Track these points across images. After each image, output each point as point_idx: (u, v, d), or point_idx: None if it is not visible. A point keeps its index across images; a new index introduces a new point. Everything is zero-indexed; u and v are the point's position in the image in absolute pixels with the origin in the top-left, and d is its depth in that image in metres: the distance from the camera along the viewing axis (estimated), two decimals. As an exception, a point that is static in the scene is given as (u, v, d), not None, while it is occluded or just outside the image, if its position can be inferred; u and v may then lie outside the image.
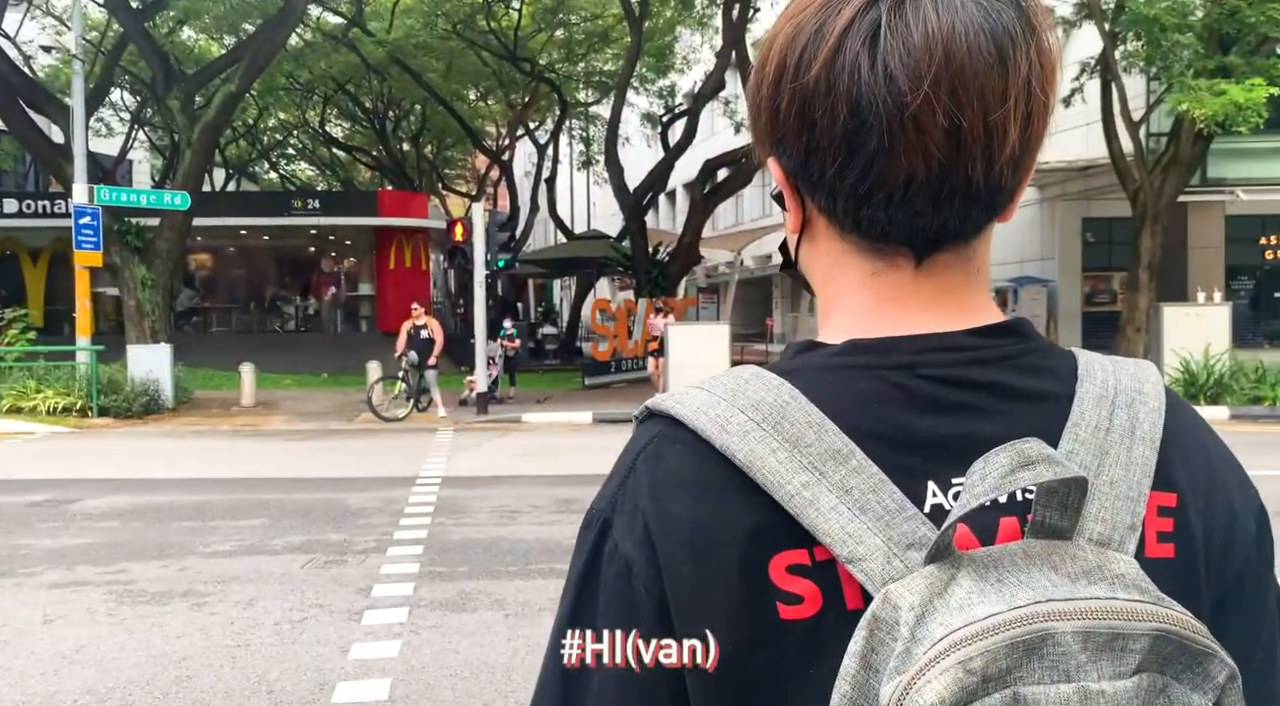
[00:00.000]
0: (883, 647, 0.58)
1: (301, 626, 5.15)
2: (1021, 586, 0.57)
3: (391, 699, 4.17)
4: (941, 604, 0.57)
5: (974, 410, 0.66)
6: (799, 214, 0.73)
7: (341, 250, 28.31)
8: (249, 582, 5.99)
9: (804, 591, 0.63)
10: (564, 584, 0.72)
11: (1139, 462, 0.65)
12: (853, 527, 0.61)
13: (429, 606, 5.46)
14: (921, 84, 0.63)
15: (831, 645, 0.61)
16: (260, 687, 4.31)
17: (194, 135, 17.23)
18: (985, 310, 0.71)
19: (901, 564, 0.60)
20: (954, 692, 0.53)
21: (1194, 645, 0.57)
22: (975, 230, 0.69)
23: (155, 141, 31.02)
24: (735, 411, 0.66)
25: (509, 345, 17.85)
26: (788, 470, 0.63)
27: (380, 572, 6.16)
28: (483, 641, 4.88)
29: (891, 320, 0.69)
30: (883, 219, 0.67)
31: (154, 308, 17.08)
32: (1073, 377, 0.69)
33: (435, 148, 35.61)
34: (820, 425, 0.64)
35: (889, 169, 0.65)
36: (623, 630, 0.66)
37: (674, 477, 0.66)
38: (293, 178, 40.54)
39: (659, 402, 0.70)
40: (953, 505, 0.64)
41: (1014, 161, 0.66)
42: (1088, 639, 0.55)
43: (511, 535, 7.19)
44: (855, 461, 0.63)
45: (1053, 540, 0.61)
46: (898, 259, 0.69)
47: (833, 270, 0.73)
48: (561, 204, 33.02)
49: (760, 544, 0.63)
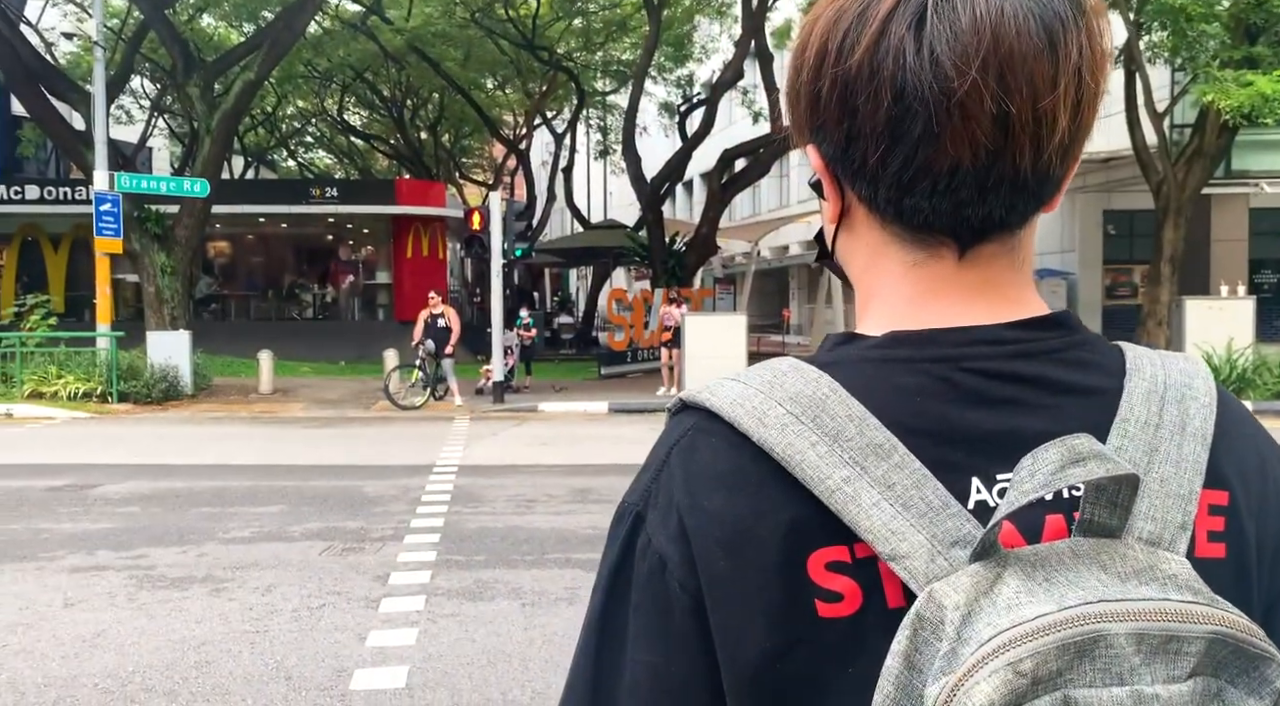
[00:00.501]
0: (927, 647, 0.56)
1: (319, 613, 5.17)
2: (1071, 586, 0.56)
3: (409, 686, 4.18)
4: (988, 603, 0.55)
5: (1019, 405, 0.64)
6: (838, 203, 0.71)
7: (359, 238, 28.38)
8: (267, 569, 6.02)
9: (843, 589, 0.61)
10: (595, 578, 0.70)
11: (1190, 460, 0.63)
12: (895, 524, 0.60)
13: (446, 594, 5.48)
14: (969, 69, 0.61)
15: (871, 644, 0.60)
16: (279, 674, 4.34)
17: (213, 123, 17.29)
18: (1030, 302, 0.69)
19: (946, 562, 0.58)
20: (1003, 695, 0.52)
21: (1250, 648, 0.55)
22: (1021, 220, 0.67)
23: (175, 129, 31.15)
24: (773, 404, 0.64)
25: (525, 334, 17.86)
26: (828, 465, 0.61)
27: (397, 560, 6.19)
28: (499, 630, 4.89)
29: (934, 312, 0.67)
30: (926, 208, 0.65)
31: (173, 294, 17.17)
32: (1120, 372, 0.67)
33: (453, 136, 35.62)
34: (861, 419, 0.62)
35: (934, 157, 0.63)
36: (657, 626, 0.65)
37: (709, 471, 0.65)
38: (311, 166, 40.67)
39: (693, 395, 0.69)
40: (998, 502, 0.62)
41: (1063, 150, 0.64)
42: (1141, 641, 0.54)
43: (528, 524, 7.20)
44: (897, 456, 0.61)
45: (1101, 539, 0.59)
46: (941, 249, 0.67)
47: (873, 261, 0.71)
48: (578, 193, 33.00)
49: (799, 540, 0.62)
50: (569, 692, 0.69)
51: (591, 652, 0.68)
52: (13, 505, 7.96)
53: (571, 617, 5.00)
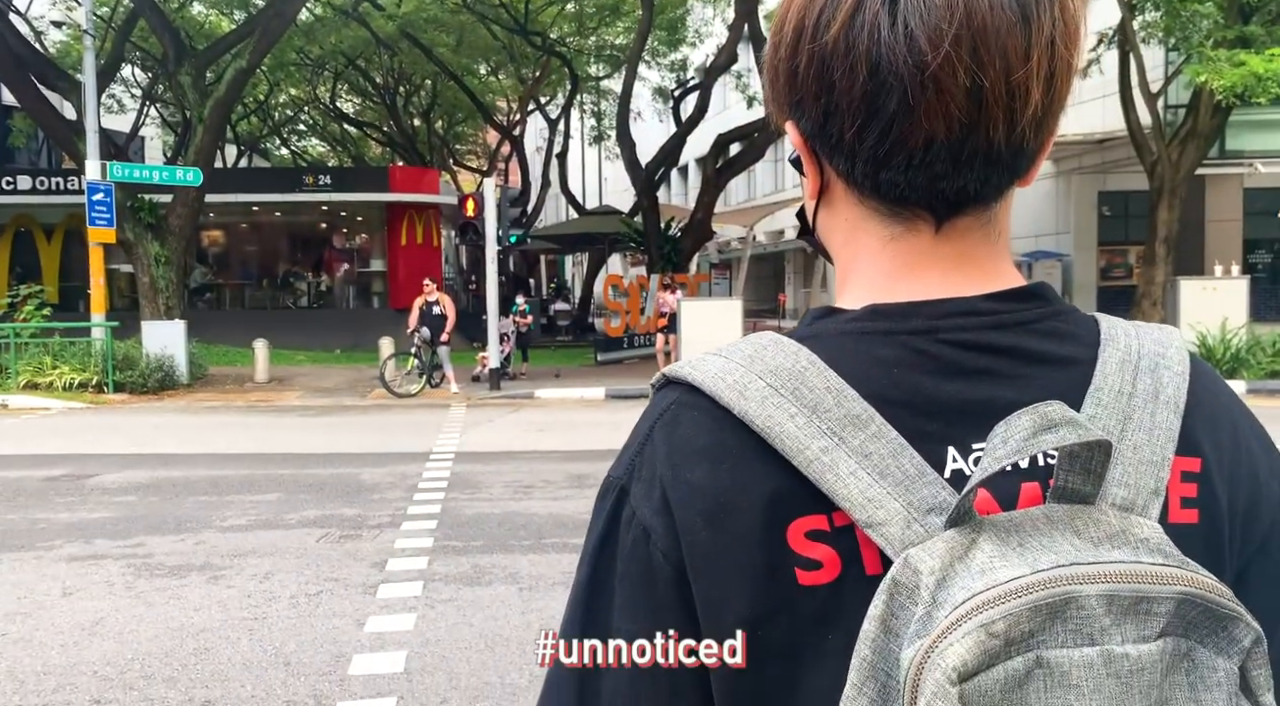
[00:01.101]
0: (903, 612, 0.57)
1: (317, 599, 5.19)
2: (1044, 550, 0.57)
3: (407, 671, 4.21)
4: (962, 568, 0.57)
5: (995, 375, 0.65)
6: (817, 179, 0.72)
7: (353, 226, 28.30)
8: (265, 556, 6.04)
9: (823, 557, 0.62)
10: (581, 551, 0.72)
11: (1162, 427, 0.64)
12: (872, 492, 0.61)
13: (443, 580, 5.50)
14: (942, 43, 0.61)
15: (850, 610, 0.61)
16: (278, 659, 4.36)
17: (205, 111, 17.22)
18: (1006, 275, 0.70)
19: (921, 528, 0.60)
20: (976, 656, 0.53)
21: (1219, 608, 0.56)
22: (996, 193, 0.67)
23: (167, 118, 31.02)
24: (753, 377, 0.65)
25: (521, 321, 17.85)
26: (806, 435, 0.62)
27: (395, 547, 6.21)
28: (497, 614, 4.91)
29: (911, 285, 0.68)
30: (902, 182, 0.66)
31: (168, 284, 17.14)
32: (1095, 342, 0.68)
33: (446, 123, 35.49)
34: (839, 391, 0.63)
35: (909, 130, 0.64)
36: (641, 595, 0.66)
37: (691, 444, 0.66)
38: (304, 154, 40.51)
39: (676, 370, 0.69)
40: (974, 470, 0.63)
41: (1036, 122, 0.65)
42: (1112, 602, 0.55)
43: (525, 510, 7.22)
44: (874, 427, 0.62)
45: (1075, 505, 0.60)
46: (917, 223, 0.68)
47: (851, 235, 0.72)
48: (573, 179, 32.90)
49: (778, 510, 0.63)
50: (557, 663, 0.70)
51: (579, 621, 0.69)
52: (10, 495, 7.97)
53: (569, 601, 5.03)
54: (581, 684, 0.68)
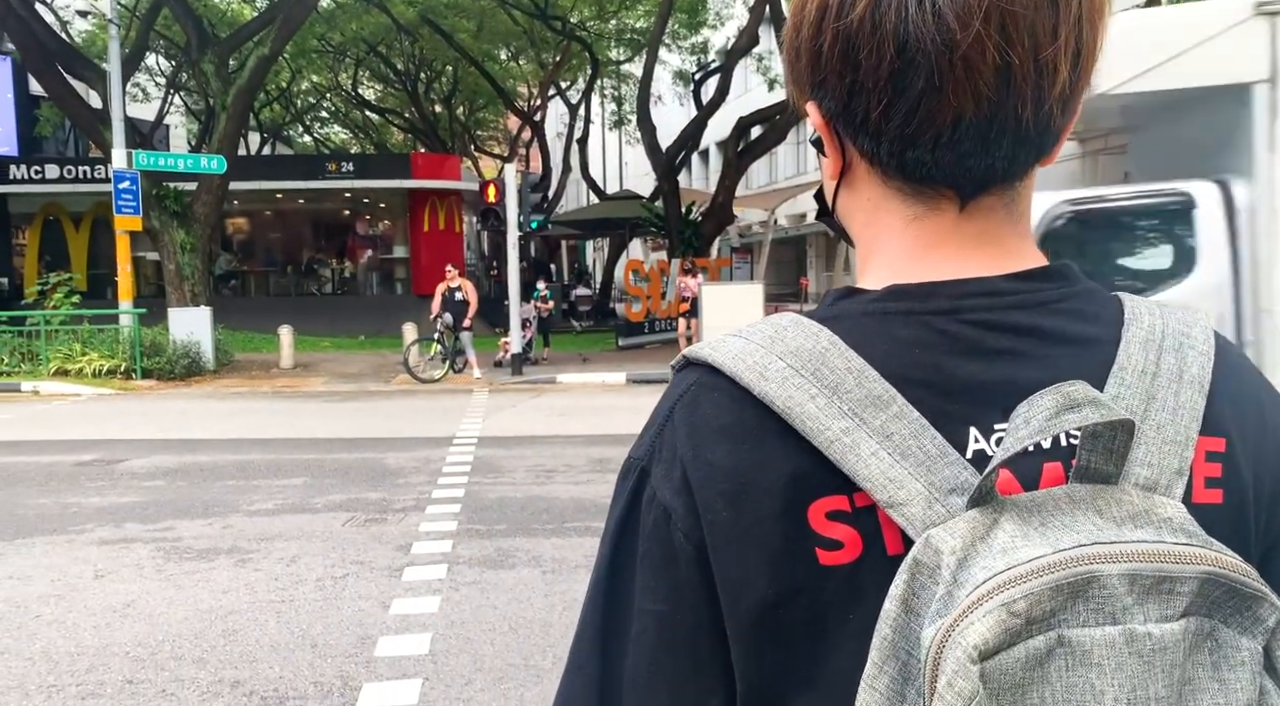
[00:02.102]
0: (924, 591, 0.57)
1: (343, 582, 5.25)
2: (1066, 530, 0.57)
3: (432, 653, 4.25)
4: (984, 548, 0.57)
5: (1017, 355, 0.65)
6: (839, 159, 0.72)
7: (376, 213, 28.43)
8: (291, 540, 6.11)
9: (843, 537, 0.62)
10: (602, 532, 0.72)
11: (1186, 407, 0.64)
12: (894, 472, 0.61)
13: (467, 563, 5.55)
14: (971, 21, 0.61)
15: (871, 590, 0.61)
16: (305, 641, 4.42)
17: (229, 99, 17.32)
18: (1028, 254, 0.69)
19: (943, 508, 0.60)
20: (997, 635, 0.53)
21: (1244, 588, 0.56)
22: (1023, 171, 0.67)
23: (191, 106, 31.23)
24: (774, 358, 0.65)
25: (542, 307, 17.89)
26: (827, 416, 0.62)
27: (419, 530, 6.26)
28: (520, 597, 4.95)
29: (933, 265, 0.68)
30: (929, 161, 0.66)
31: (193, 271, 17.30)
32: (1118, 322, 0.67)
33: (467, 109, 35.51)
34: (860, 371, 0.63)
35: (937, 109, 0.63)
36: (662, 575, 0.66)
37: (712, 425, 0.66)
38: (326, 141, 40.69)
39: (696, 351, 0.70)
40: (995, 451, 0.63)
41: (1063, 100, 0.64)
42: (1134, 581, 0.55)
43: (547, 494, 7.26)
44: (896, 407, 0.62)
45: (1098, 485, 0.60)
46: (941, 202, 0.68)
47: (873, 216, 0.71)
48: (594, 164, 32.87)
49: (799, 490, 0.63)
50: (579, 641, 0.71)
51: (600, 602, 0.70)
52: (42, 480, 8.10)
53: (591, 585, 5.06)
54: (605, 662, 0.69)
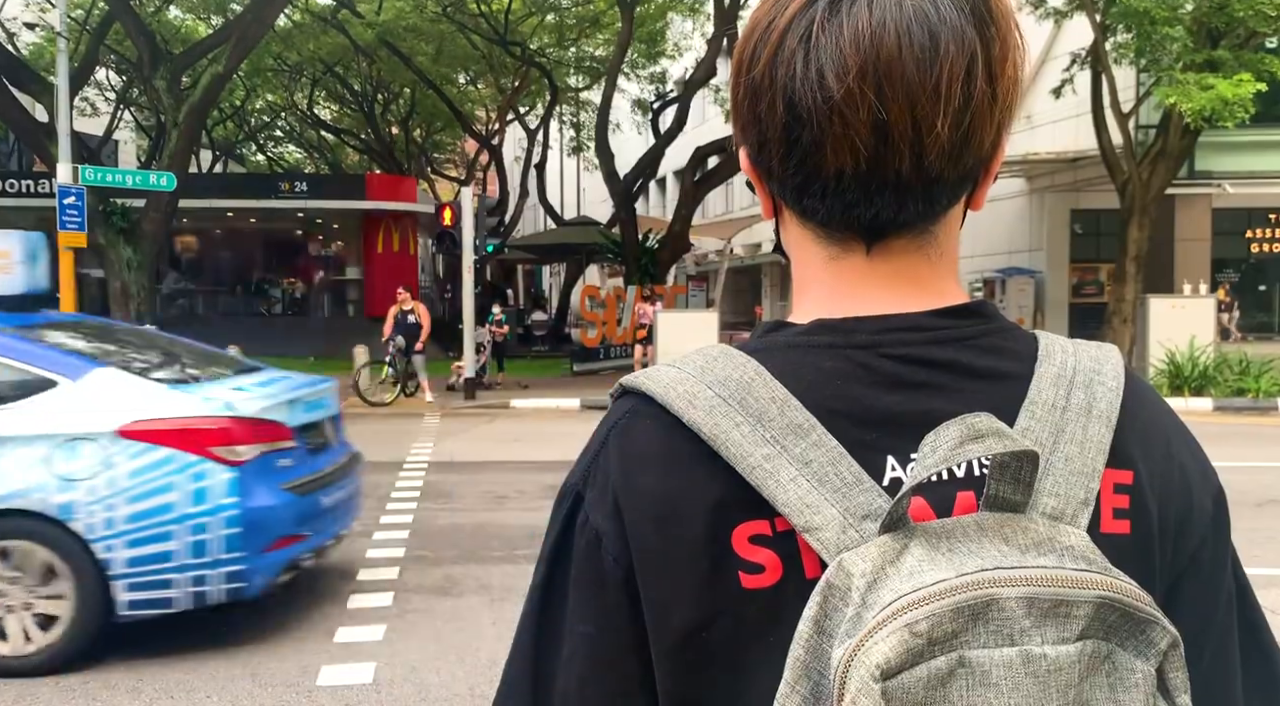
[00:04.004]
0: (835, 613, 0.59)
1: (286, 608, 5.15)
2: (971, 555, 0.59)
3: (376, 682, 4.18)
4: (893, 571, 0.59)
5: (934, 388, 0.68)
6: (768, 201, 0.75)
7: (329, 233, 28.19)
8: (233, 565, 5.98)
9: (765, 561, 0.65)
10: (539, 554, 0.73)
11: (1094, 440, 0.67)
12: (810, 498, 0.63)
13: (415, 591, 5.48)
14: (846, 79, 0.64)
15: (790, 612, 0.63)
16: (245, 670, 4.32)
17: (180, 116, 17.09)
18: (948, 292, 0.72)
19: (856, 533, 0.62)
20: (900, 654, 0.55)
21: (1138, 612, 0.59)
22: (917, 219, 0.69)
23: (141, 122, 30.76)
24: (703, 387, 0.67)
25: (497, 331, 17.83)
26: (750, 443, 0.65)
27: (366, 557, 6.18)
28: (468, 626, 4.90)
29: (854, 301, 0.71)
30: (821, 209, 0.69)
31: (139, 289, 16.97)
32: (1033, 358, 0.70)
33: (424, 131, 35.43)
34: (784, 401, 0.66)
35: (820, 162, 0.67)
36: (592, 598, 0.68)
37: (643, 452, 0.68)
38: (280, 160, 40.31)
39: (632, 380, 0.72)
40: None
41: (947, 155, 0.66)
42: (1032, 605, 0.57)
43: (498, 520, 7.21)
44: (815, 435, 0.65)
45: (1006, 513, 0.62)
46: (850, 243, 0.71)
47: (800, 254, 0.75)
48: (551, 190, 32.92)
49: (724, 515, 0.65)
50: (512, 661, 0.73)
51: (532, 624, 0.71)
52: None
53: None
54: (535, 683, 0.70)
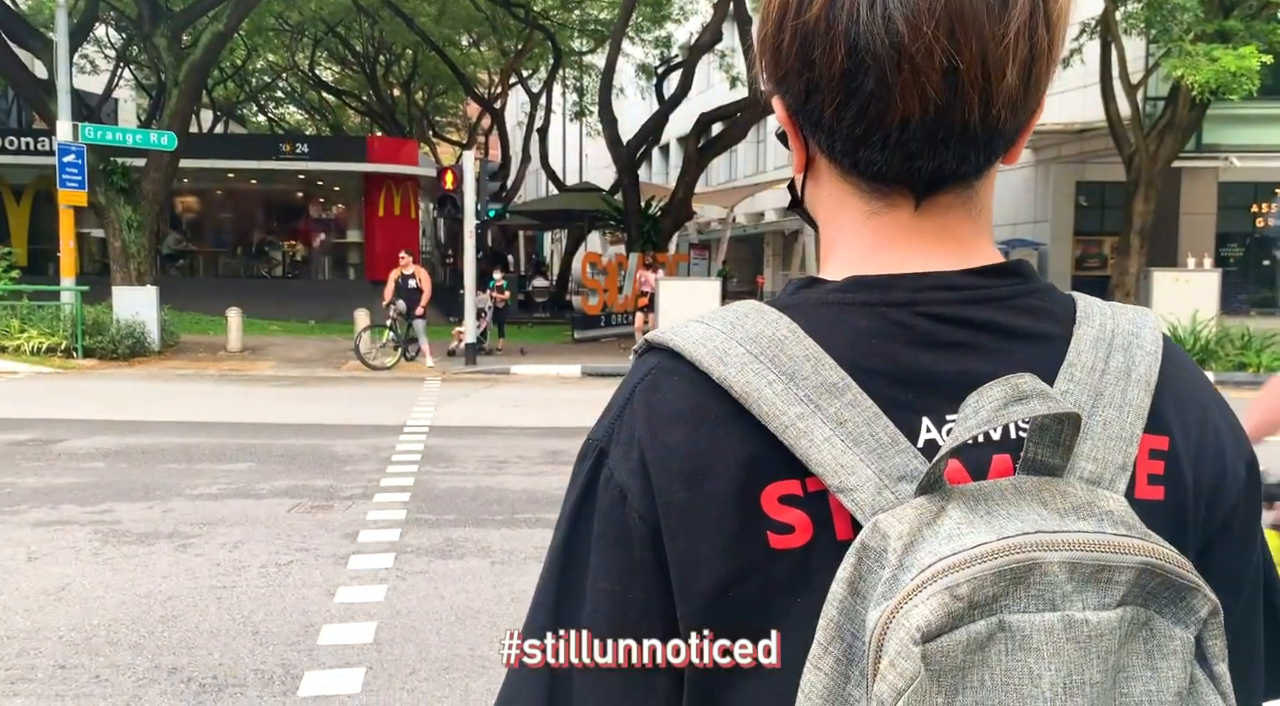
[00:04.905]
0: (870, 575, 0.58)
1: (287, 569, 5.18)
2: (1010, 519, 0.58)
3: (376, 641, 4.21)
4: (930, 534, 0.58)
5: (971, 348, 0.66)
6: (802, 153, 0.73)
7: (330, 196, 28.04)
8: (235, 525, 6.01)
9: (795, 521, 0.63)
10: (559, 513, 0.72)
11: (1133, 404, 0.65)
12: (845, 459, 0.62)
13: (415, 552, 5.50)
14: (920, 25, 0.62)
15: (819, 574, 0.62)
16: (246, 628, 4.35)
17: (181, 74, 16.94)
18: (985, 251, 0.71)
19: (892, 495, 0.61)
20: (940, 617, 0.54)
21: (1178, 579, 0.58)
22: (974, 172, 0.68)
23: (141, 80, 30.51)
24: (734, 344, 0.66)
25: (498, 297, 17.79)
26: (783, 402, 0.63)
27: (367, 519, 6.20)
28: (468, 587, 4.92)
29: (891, 259, 0.69)
30: (879, 161, 0.67)
31: (139, 249, 16.91)
32: (1071, 320, 0.69)
33: (426, 94, 35.14)
34: (817, 359, 0.64)
35: (885, 110, 0.64)
36: (616, 556, 0.67)
37: (670, 408, 0.67)
38: (281, 121, 40.01)
39: (658, 336, 0.70)
40: (946, 441, 0.64)
41: (1013, 104, 0.65)
42: (1074, 569, 0.56)
43: (499, 485, 7.23)
44: (850, 395, 0.63)
45: (1044, 477, 0.61)
46: (896, 199, 0.69)
47: (835, 210, 0.72)
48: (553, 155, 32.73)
49: (754, 474, 0.64)
50: (532, 619, 0.71)
51: (554, 581, 0.70)
52: (-25, 459, 7.87)
53: (540, 576, 5.05)
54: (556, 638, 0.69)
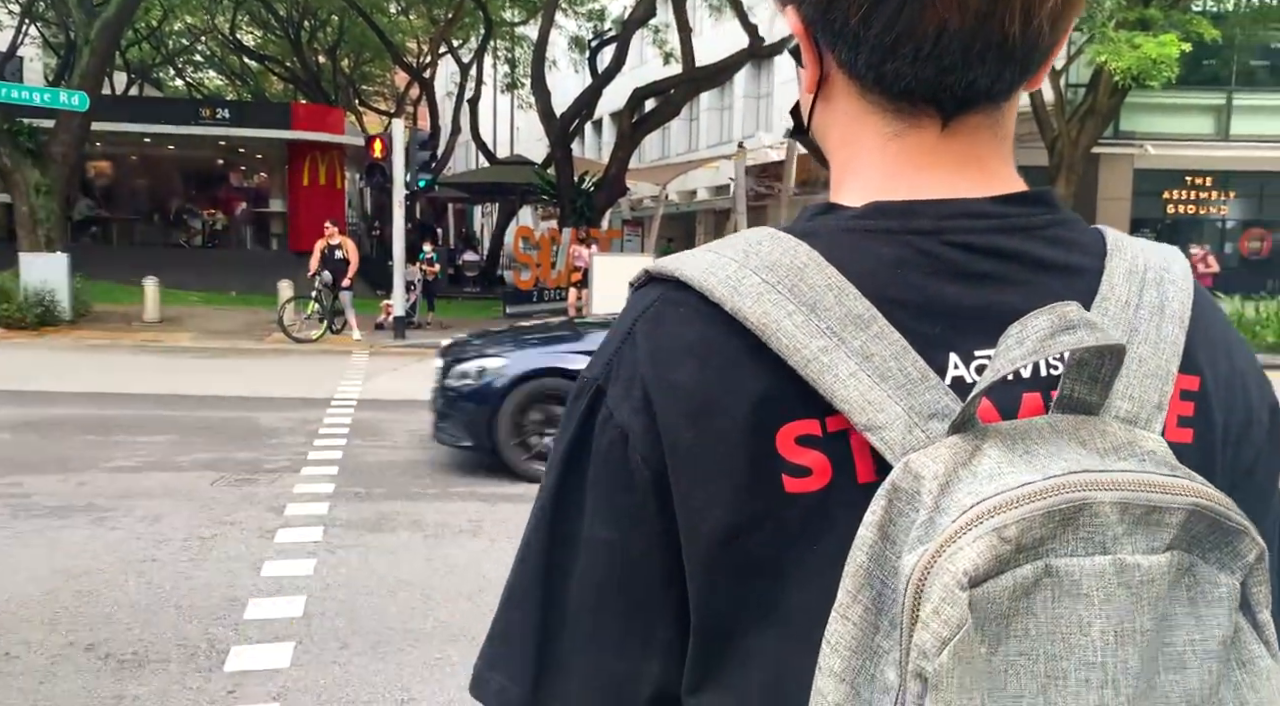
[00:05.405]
0: (901, 518, 0.54)
1: (211, 543, 5.02)
2: (1051, 458, 0.54)
3: (307, 615, 4.10)
4: (967, 474, 0.54)
5: (999, 280, 0.62)
6: (816, 69, 0.67)
7: (252, 164, 27.22)
8: (155, 499, 5.80)
9: (813, 463, 0.59)
10: (549, 458, 0.67)
11: (1168, 341, 0.63)
12: (873, 395, 0.57)
13: (345, 526, 5.38)
14: None
15: (838, 519, 0.58)
16: (168, 603, 4.20)
17: (93, 33, 16.18)
18: (1010, 178, 0.67)
19: (923, 433, 0.57)
20: (988, 561, 0.50)
21: (1227, 522, 0.55)
22: (1007, 90, 0.64)
23: (49, 38, 29.08)
24: (748, 273, 0.61)
25: (428, 270, 17.48)
26: (805, 334, 0.58)
27: (294, 492, 6.04)
28: (400, 560, 4.83)
29: (915, 184, 0.64)
30: (909, 74, 0.62)
31: (49, 215, 16.18)
32: (1100, 252, 0.65)
33: (352, 62, 34.23)
34: (840, 289, 0.60)
35: (920, 18, 0.59)
36: (615, 501, 0.62)
37: (677, 342, 0.61)
38: (200, 86, 38.60)
39: (661, 265, 0.65)
40: (975, 378, 0.60)
41: (1054, 16, 0.61)
42: (1125, 510, 0.53)
43: (430, 458, 7.11)
44: (876, 327, 0.59)
45: (1080, 415, 0.58)
46: (922, 119, 0.64)
47: (851, 131, 0.67)
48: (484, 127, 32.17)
49: (768, 413, 0.59)
50: (518, 573, 0.66)
51: (543, 532, 0.65)
52: None
53: (476, 550, 4.97)
54: (546, 594, 0.64)
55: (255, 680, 3.51)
